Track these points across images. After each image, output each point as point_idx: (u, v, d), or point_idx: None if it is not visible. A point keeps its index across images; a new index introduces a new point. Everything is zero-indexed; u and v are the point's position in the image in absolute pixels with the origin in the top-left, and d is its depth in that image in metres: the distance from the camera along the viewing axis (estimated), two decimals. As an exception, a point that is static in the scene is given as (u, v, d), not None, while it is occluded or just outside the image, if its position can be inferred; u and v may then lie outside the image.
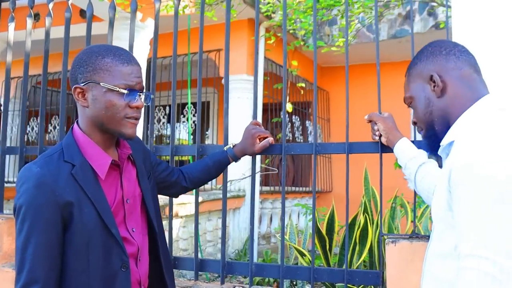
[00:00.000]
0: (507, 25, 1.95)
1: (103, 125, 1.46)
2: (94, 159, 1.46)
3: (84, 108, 1.47)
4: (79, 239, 1.39)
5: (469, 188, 1.14)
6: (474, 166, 1.14)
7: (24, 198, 1.35)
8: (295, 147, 2.28)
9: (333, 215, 3.54)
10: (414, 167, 1.81)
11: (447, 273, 1.27)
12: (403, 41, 7.01)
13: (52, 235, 1.36)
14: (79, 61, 1.47)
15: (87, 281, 1.40)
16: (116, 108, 1.44)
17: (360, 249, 3.41)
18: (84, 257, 1.40)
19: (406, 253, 1.99)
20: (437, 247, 1.36)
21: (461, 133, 1.28)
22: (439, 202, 1.31)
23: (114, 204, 1.48)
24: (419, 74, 1.45)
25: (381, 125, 1.98)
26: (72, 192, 1.38)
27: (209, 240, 5.65)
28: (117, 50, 1.49)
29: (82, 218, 1.39)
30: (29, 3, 2.79)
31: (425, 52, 1.46)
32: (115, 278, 1.44)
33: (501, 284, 1.06)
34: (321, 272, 2.17)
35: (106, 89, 1.43)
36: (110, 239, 1.43)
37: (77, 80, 1.46)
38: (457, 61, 1.39)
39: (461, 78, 1.37)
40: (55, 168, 1.40)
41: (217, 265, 2.31)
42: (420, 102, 1.45)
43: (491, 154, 1.14)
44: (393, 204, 4.07)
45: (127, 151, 1.58)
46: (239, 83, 6.34)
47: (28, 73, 2.83)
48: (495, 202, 1.10)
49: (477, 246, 1.10)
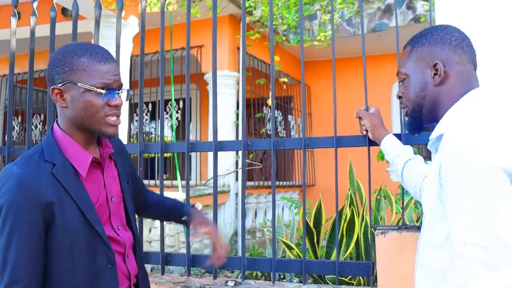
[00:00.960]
0: (491, 18, 2.01)
1: (84, 125, 1.45)
2: (74, 157, 1.45)
3: (63, 108, 1.45)
4: (63, 239, 1.38)
5: (459, 178, 1.18)
6: (463, 157, 1.18)
7: (5, 198, 1.33)
8: (284, 142, 2.32)
9: (320, 208, 3.59)
10: (401, 163, 1.85)
11: (440, 262, 1.31)
12: (382, 34, 7.09)
13: (33, 235, 1.34)
14: (55, 61, 1.45)
15: (73, 280, 1.39)
16: (95, 108, 1.42)
17: (347, 241, 3.47)
18: (68, 256, 1.39)
19: (396, 244, 2.04)
20: (429, 237, 1.40)
21: (450, 126, 1.32)
22: (430, 194, 1.34)
23: (98, 203, 1.47)
24: (423, 57, 1.44)
25: (367, 121, 2.02)
26: (53, 192, 1.37)
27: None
28: (93, 49, 1.46)
29: (64, 217, 1.38)
30: (13, 2, 2.77)
31: (435, 36, 1.44)
32: (102, 276, 1.44)
33: (493, 269, 1.10)
34: (312, 264, 2.22)
35: (84, 89, 1.41)
36: (95, 237, 1.42)
37: (54, 80, 1.44)
38: (462, 56, 1.41)
39: (462, 74, 1.40)
40: (35, 168, 1.38)
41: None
42: (415, 84, 1.46)
43: (480, 145, 1.18)
44: (378, 196, 4.14)
45: (109, 150, 1.57)
46: (221, 79, 6.34)
47: (14, 73, 2.81)
48: (484, 191, 1.14)
49: (468, 233, 1.14)
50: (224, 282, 2.29)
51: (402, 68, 1.50)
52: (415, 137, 2.08)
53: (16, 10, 2.79)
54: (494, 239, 1.11)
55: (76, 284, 1.39)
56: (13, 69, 2.81)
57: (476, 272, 1.11)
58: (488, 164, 1.15)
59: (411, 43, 1.50)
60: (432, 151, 1.47)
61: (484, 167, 1.15)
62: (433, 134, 1.41)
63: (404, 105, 1.52)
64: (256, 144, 2.37)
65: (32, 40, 2.70)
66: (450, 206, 1.21)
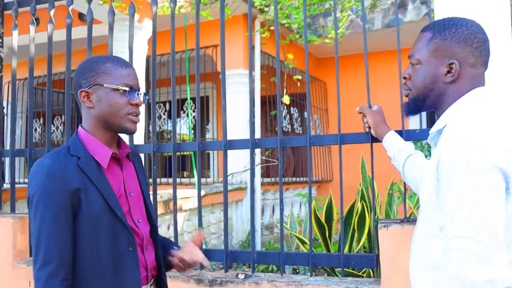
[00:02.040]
0: (486, 17, 2.06)
1: (107, 122, 1.62)
2: (96, 152, 1.61)
3: (89, 109, 1.62)
4: (88, 223, 1.53)
5: (456, 176, 1.25)
6: (461, 155, 1.25)
7: (37, 187, 1.51)
8: (290, 140, 2.40)
9: (331, 203, 3.66)
10: (402, 159, 1.92)
11: (433, 252, 1.38)
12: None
13: (63, 219, 1.50)
14: (82, 69, 1.64)
15: (98, 260, 1.54)
16: (119, 105, 1.60)
17: (358, 235, 3.54)
18: (93, 239, 1.54)
19: (398, 237, 2.12)
20: (424, 229, 1.47)
21: (450, 123, 1.36)
22: (428, 188, 1.41)
23: (118, 195, 1.62)
24: (442, 51, 1.43)
25: (370, 118, 2.09)
26: (79, 180, 1.53)
27: (213, 232, 5.77)
28: (115, 57, 1.68)
29: (89, 203, 1.53)
30: (31, 10, 2.91)
31: (459, 33, 1.41)
32: (124, 257, 1.58)
33: (485, 262, 1.18)
34: (319, 257, 2.30)
35: (109, 89, 1.59)
36: (116, 222, 1.57)
37: (81, 85, 1.62)
38: (478, 59, 1.41)
39: (473, 77, 1.42)
40: (63, 161, 1.55)
41: (221, 254, 2.44)
42: (426, 74, 1.46)
43: (477, 144, 1.24)
44: (390, 191, 4.19)
45: (127, 150, 1.73)
46: (236, 77, 6.44)
47: (33, 77, 2.95)
48: (479, 189, 1.22)
49: (463, 228, 1.21)
50: (235, 275, 2.39)
51: (417, 53, 1.48)
52: (416, 133, 2.16)
53: (34, 18, 2.92)
54: (487, 234, 1.19)
55: (101, 265, 1.54)
56: (33, 74, 2.95)
57: (469, 264, 1.19)
58: (484, 163, 1.22)
59: (432, 30, 1.47)
60: (432, 145, 1.52)
61: (480, 166, 1.22)
62: (433, 128, 1.47)
63: (408, 88, 1.53)
64: (264, 142, 2.46)
65: (50, 46, 2.84)
66: (447, 201, 1.28)
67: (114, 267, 1.56)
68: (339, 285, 2.19)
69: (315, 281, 2.25)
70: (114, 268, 1.56)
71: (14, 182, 3.00)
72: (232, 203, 6.21)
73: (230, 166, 6.47)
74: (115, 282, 1.56)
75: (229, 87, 6.51)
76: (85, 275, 1.53)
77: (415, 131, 2.17)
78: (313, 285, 2.22)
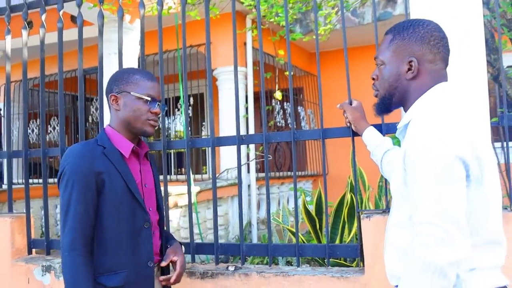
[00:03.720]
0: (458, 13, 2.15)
1: (130, 124, 1.92)
2: (120, 144, 1.92)
3: (117, 111, 1.94)
4: (111, 201, 1.83)
5: (420, 166, 1.35)
6: (424, 147, 1.35)
7: (69, 167, 1.80)
8: (275, 135, 2.50)
9: (321, 196, 3.75)
10: (380, 154, 2.01)
11: (403, 239, 1.49)
12: (387, 23, 7.16)
13: (88, 196, 1.79)
14: (115, 78, 1.97)
15: (119, 234, 1.84)
16: (141, 112, 1.91)
17: (349, 226, 3.63)
18: (115, 215, 1.84)
19: (380, 226, 2.20)
20: (395, 218, 1.57)
21: (415, 118, 1.47)
22: (396, 179, 1.51)
23: (136, 183, 1.90)
24: (402, 50, 1.54)
25: (349, 115, 2.18)
26: (104, 165, 1.83)
27: (209, 227, 5.86)
28: (144, 71, 2.01)
29: (112, 185, 1.83)
30: (23, 16, 2.98)
31: (416, 32, 1.52)
32: (139, 233, 1.89)
33: (449, 246, 1.27)
34: (305, 248, 2.40)
35: (134, 97, 1.91)
36: (134, 202, 1.87)
37: (112, 90, 1.94)
38: (437, 55, 1.52)
39: (433, 72, 1.52)
40: (91, 148, 1.87)
41: (211, 248, 2.53)
42: (389, 73, 1.57)
43: (439, 136, 1.34)
44: (380, 183, 4.28)
45: (146, 149, 2.04)
46: (228, 74, 6.51)
47: (27, 79, 3.02)
48: (441, 177, 1.32)
49: (427, 215, 1.31)
50: (225, 267, 2.48)
51: (381, 54, 1.60)
52: (396, 127, 2.24)
53: (26, 22, 3.00)
54: (449, 220, 1.29)
55: (121, 237, 1.85)
56: (26, 78, 3.03)
57: (434, 248, 1.28)
58: (445, 154, 1.32)
59: (393, 32, 1.58)
60: (400, 139, 1.62)
61: (441, 156, 1.32)
62: (400, 123, 1.57)
63: (376, 88, 1.64)
64: (250, 138, 2.54)
65: (42, 50, 2.92)
66: (413, 191, 1.38)
67: (132, 240, 1.86)
68: (325, 274, 2.28)
69: (302, 271, 2.34)
70: (132, 241, 1.86)
71: (12, 183, 3.08)
72: (227, 198, 6.30)
73: (226, 161, 6.64)
74: (132, 252, 1.86)
75: (223, 84, 6.61)
76: (107, 244, 1.83)
77: (394, 125, 2.25)
78: (300, 275, 2.31)
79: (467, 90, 2.11)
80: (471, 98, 2.11)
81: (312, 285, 2.28)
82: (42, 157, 2.93)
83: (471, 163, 1.34)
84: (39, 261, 2.91)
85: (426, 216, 1.31)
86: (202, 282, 2.47)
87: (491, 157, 1.45)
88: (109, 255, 1.83)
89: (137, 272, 1.87)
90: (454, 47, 2.05)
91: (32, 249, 3.04)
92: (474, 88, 2.15)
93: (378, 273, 2.17)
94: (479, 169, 1.36)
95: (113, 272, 1.83)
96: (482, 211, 1.39)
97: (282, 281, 2.32)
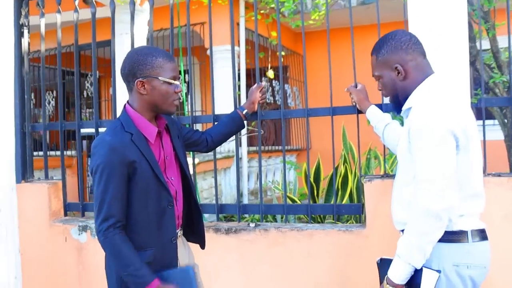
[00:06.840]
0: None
1: (157, 106, 2.00)
2: (145, 129, 2.00)
3: (143, 95, 1.98)
4: (141, 186, 1.94)
5: (421, 138, 1.80)
6: (424, 123, 1.80)
7: (101, 159, 1.89)
8: (268, 114, 2.93)
9: (319, 166, 4.22)
10: (381, 127, 2.45)
11: (408, 194, 1.93)
12: (371, 7, 7.59)
13: (122, 184, 1.90)
14: (137, 61, 1.97)
15: (147, 215, 1.97)
16: (170, 94, 1.99)
17: (342, 193, 4.11)
18: (143, 198, 1.96)
19: (380, 188, 2.65)
20: (402, 177, 2.02)
21: (415, 102, 1.92)
22: (402, 148, 1.96)
23: (160, 160, 2.03)
24: (386, 63, 1.98)
25: (355, 96, 2.62)
26: (134, 153, 1.92)
27: (206, 197, 6.27)
28: (163, 51, 2.04)
29: (141, 171, 1.93)
30: (57, 1, 3.31)
31: (389, 45, 1.96)
32: (164, 213, 2.01)
33: (442, 196, 1.73)
34: (315, 208, 2.85)
35: (162, 81, 1.97)
36: (159, 185, 1.98)
37: (136, 75, 1.97)
38: (413, 53, 1.96)
39: (416, 66, 1.96)
40: (121, 137, 1.94)
41: (235, 208, 2.96)
42: (387, 82, 2.02)
43: (435, 115, 1.79)
44: (368, 155, 4.76)
45: (164, 122, 2.12)
46: (222, 53, 6.83)
47: (61, 63, 3.36)
48: (437, 145, 1.77)
49: (426, 173, 1.77)
50: (246, 224, 2.92)
51: (375, 71, 2.04)
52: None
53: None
54: (441, 176, 1.75)
55: (149, 218, 1.98)
56: (60, 59, 3.36)
57: (430, 198, 1.74)
58: (440, 127, 1.77)
59: (375, 52, 2.02)
60: (404, 117, 2.07)
61: (437, 129, 1.77)
62: (404, 106, 2.02)
63: (386, 95, 2.10)
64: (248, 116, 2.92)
65: (59, 48, 3.24)
66: (416, 155, 1.83)
67: (157, 220, 1.99)
68: (333, 229, 2.73)
69: (313, 227, 2.80)
70: (157, 220, 1.99)
71: (47, 153, 3.44)
72: (221, 170, 6.68)
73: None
74: (158, 230, 2.00)
75: (217, 63, 6.91)
76: (136, 225, 1.96)
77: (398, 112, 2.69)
78: (311, 230, 2.75)
79: (452, 77, 2.52)
80: (457, 84, 2.54)
81: (322, 238, 2.73)
82: (77, 129, 3.29)
83: (460, 135, 1.78)
84: (75, 222, 3.27)
85: (425, 175, 1.77)
86: (227, 237, 2.89)
87: (475, 132, 1.91)
88: (139, 235, 1.96)
89: (163, 248, 2.01)
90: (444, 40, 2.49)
91: (67, 211, 3.41)
92: (458, 75, 2.57)
93: (377, 226, 2.63)
94: (466, 140, 1.81)
95: (143, 250, 1.95)
96: (467, 172, 1.85)
97: (297, 235, 2.77)
